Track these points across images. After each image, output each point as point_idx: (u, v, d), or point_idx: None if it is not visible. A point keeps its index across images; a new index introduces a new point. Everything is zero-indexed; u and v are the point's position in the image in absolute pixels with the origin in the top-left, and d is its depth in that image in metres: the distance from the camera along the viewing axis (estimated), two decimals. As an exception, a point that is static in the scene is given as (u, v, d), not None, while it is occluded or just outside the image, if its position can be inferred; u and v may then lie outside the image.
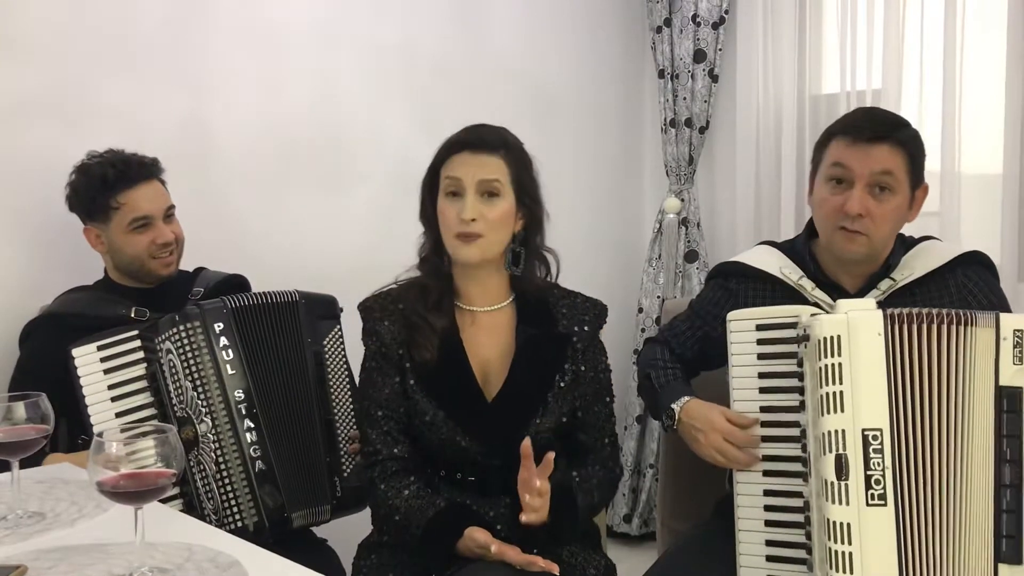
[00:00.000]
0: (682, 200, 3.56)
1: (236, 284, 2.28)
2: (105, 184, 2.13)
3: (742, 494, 1.72)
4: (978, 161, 2.95)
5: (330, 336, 2.17)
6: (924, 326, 1.55)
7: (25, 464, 1.57)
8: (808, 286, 1.84)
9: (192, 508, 1.96)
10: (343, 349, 2.20)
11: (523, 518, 1.67)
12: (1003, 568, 1.53)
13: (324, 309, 2.19)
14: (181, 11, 2.62)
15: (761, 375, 1.71)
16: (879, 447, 1.52)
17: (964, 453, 1.54)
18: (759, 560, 1.70)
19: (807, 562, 1.64)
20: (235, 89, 2.73)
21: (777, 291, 1.86)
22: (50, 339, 2.06)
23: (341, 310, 2.22)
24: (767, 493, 1.70)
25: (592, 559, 1.85)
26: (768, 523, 1.69)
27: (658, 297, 3.59)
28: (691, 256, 3.57)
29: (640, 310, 3.63)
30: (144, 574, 1.28)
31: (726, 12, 3.42)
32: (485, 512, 1.77)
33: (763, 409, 1.71)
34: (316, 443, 2.08)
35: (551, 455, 1.68)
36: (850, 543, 1.50)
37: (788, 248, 1.95)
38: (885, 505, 1.51)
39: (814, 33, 3.30)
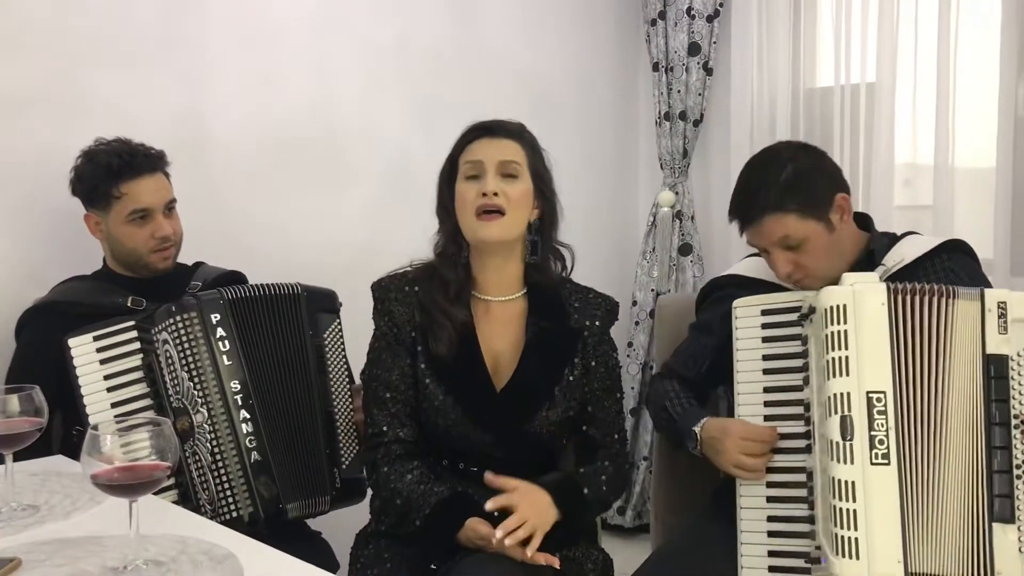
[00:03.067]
0: (676, 193, 3.57)
1: (235, 280, 2.27)
2: (109, 173, 2.12)
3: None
4: (971, 155, 2.96)
5: (330, 329, 2.17)
6: (921, 298, 1.62)
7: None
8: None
9: (187, 498, 1.96)
10: (342, 342, 2.20)
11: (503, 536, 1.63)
12: (996, 527, 1.57)
13: (325, 302, 2.19)
14: (177, 5, 2.61)
15: (765, 357, 1.78)
16: (883, 409, 1.58)
17: (957, 417, 1.60)
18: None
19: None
20: (231, 84, 2.72)
21: None
22: (47, 328, 2.05)
23: (340, 304, 2.22)
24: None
25: (590, 554, 1.85)
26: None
27: (652, 290, 3.59)
28: (685, 249, 3.57)
29: (634, 303, 3.63)
30: (138, 567, 1.28)
31: (720, 5, 3.42)
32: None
33: (766, 389, 1.78)
34: (315, 434, 2.08)
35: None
36: (854, 500, 1.55)
37: None
38: (888, 464, 1.57)
39: (808, 26, 3.30)
